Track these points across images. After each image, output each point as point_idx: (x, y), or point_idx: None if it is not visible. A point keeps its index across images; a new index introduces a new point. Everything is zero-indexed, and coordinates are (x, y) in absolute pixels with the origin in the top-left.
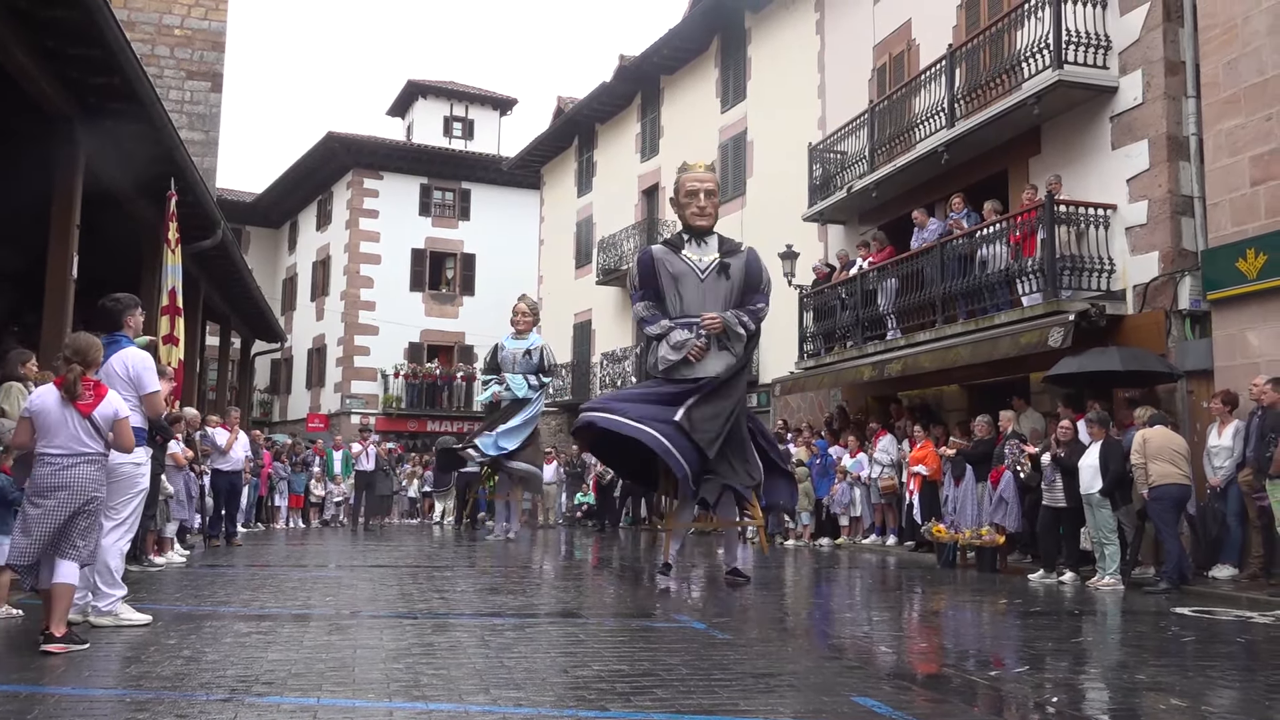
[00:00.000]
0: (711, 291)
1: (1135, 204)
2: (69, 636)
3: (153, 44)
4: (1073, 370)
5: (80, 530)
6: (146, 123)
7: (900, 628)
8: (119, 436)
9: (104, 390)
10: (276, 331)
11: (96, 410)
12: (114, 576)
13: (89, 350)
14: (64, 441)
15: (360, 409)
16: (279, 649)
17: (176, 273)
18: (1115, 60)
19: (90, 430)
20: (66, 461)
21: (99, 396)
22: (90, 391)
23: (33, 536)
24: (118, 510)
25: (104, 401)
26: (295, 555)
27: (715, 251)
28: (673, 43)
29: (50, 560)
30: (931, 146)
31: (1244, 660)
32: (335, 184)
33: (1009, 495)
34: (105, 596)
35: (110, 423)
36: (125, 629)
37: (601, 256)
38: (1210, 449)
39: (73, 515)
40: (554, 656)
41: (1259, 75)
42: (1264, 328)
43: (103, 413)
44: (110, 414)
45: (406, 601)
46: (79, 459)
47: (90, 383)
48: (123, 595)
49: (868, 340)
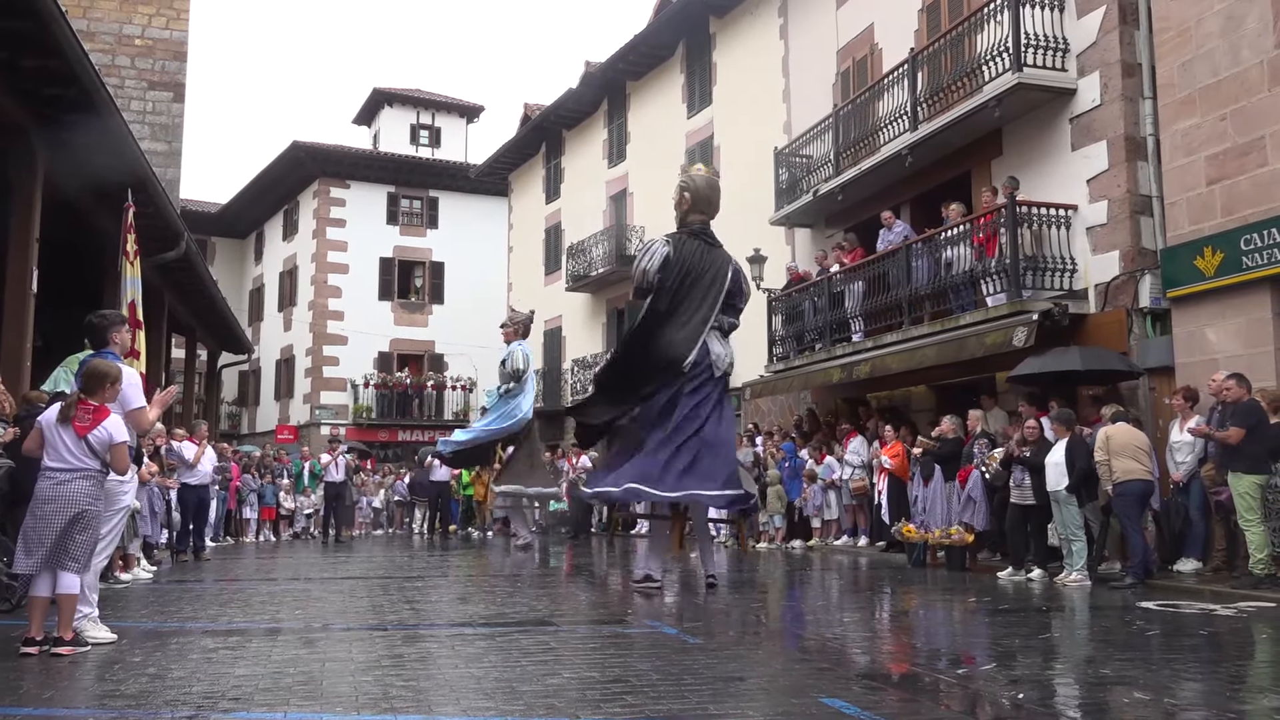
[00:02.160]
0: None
1: (1095, 204)
2: (76, 640)
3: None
4: (1035, 370)
5: (78, 542)
6: (106, 134)
7: (871, 628)
8: (115, 460)
9: (104, 414)
10: (243, 343)
11: (91, 433)
12: (84, 594)
13: (90, 378)
14: (63, 456)
15: (330, 420)
16: (246, 664)
17: (136, 285)
18: (1073, 63)
19: (86, 450)
20: (64, 476)
21: (97, 420)
22: (89, 415)
23: (31, 548)
24: None
25: (100, 426)
26: (264, 569)
27: None
28: (639, 49)
29: (50, 571)
30: (895, 149)
31: (1207, 653)
32: (301, 193)
33: (977, 494)
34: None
35: (106, 446)
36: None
37: (571, 263)
38: (1172, 444)
39: (68, 526)
40: (525, 665)
41: (1213, 76)
42: (1222, 324)
43: (98, 436)
44: (105, 438)
45: (377, 613)
46: (76, 474)
47: (90, 406)
48: (90, 613)
49: (836, 343)
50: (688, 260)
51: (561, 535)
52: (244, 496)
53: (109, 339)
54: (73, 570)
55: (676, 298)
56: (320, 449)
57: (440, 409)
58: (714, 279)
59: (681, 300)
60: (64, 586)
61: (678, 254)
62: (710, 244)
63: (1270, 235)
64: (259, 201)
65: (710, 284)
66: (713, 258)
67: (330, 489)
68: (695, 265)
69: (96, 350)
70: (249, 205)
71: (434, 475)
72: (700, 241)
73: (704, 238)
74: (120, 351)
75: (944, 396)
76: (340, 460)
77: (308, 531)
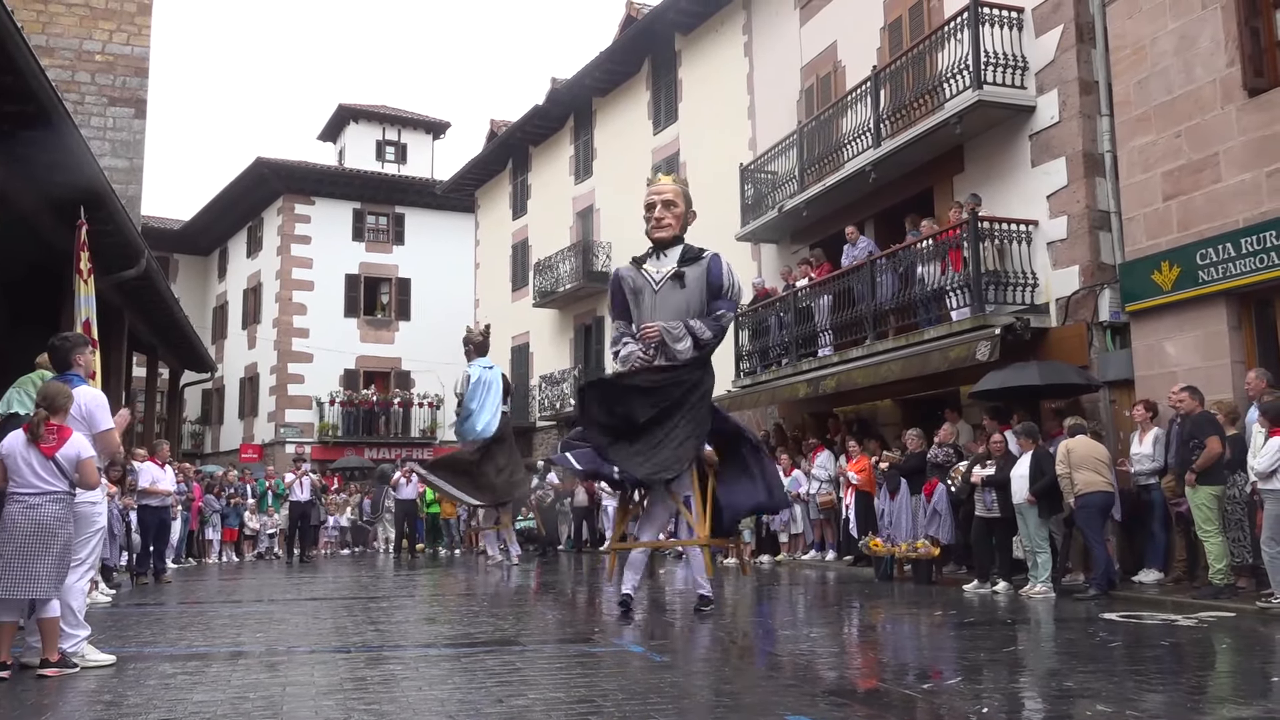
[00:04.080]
0: (665, 303)
1: (1055, 219)
2: (62, 662)
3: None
4: (995, 386)
5: (49, 566)
6: (65, 151)
7: (838, 643)
8: (84, 475)
9: (68, 433)
10: (206, 361)
11: (59, 452)
12: (78, 618)
13: (56, 397)
14: (29, 480)
15: (295, 438)
16: (205, 689)
17: (90, 304)
18: (1032, 80)
19: (54, 470)
20: (34, 500)
21: (62, 439)
22: (54, 435)
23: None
24: (76, 550)
25: (67, 444)
26: (227, 590)
27: (674, 262)
28: (604, 65)
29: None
30: (859, 166)
31: (1169, 663)
32: (266, 210)
33: (942, 508)
34: (69, 638)
35: (74, 463)
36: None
37: (538, 279)
38: (1133, 456)
39: (39, 551)
40: (490, 686)
41: (1167, 94)
42: (1180, 337)
43: (65, 454)
44: (74, 455)
45: (341, 635)
46: (46, 497)
47: (54, 427)
48: (87, 636)
49: (802, 357)
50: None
51: (530, 552)
52: (206, 517)
53: (72, 361)
54: (47, 594)
55: None
56: (285, 468)
57: (407, 426)
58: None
59: None
60: (44, 611)
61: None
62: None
63: (1224, 250)
64: (222, 218)
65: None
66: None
67: (295, 508)
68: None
69: (60, 373)
70: (212, 222)
71: (400, 494)
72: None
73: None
74: (85, 373)
75: (909, 410)
76: (305, 480)
77: (271, 552)
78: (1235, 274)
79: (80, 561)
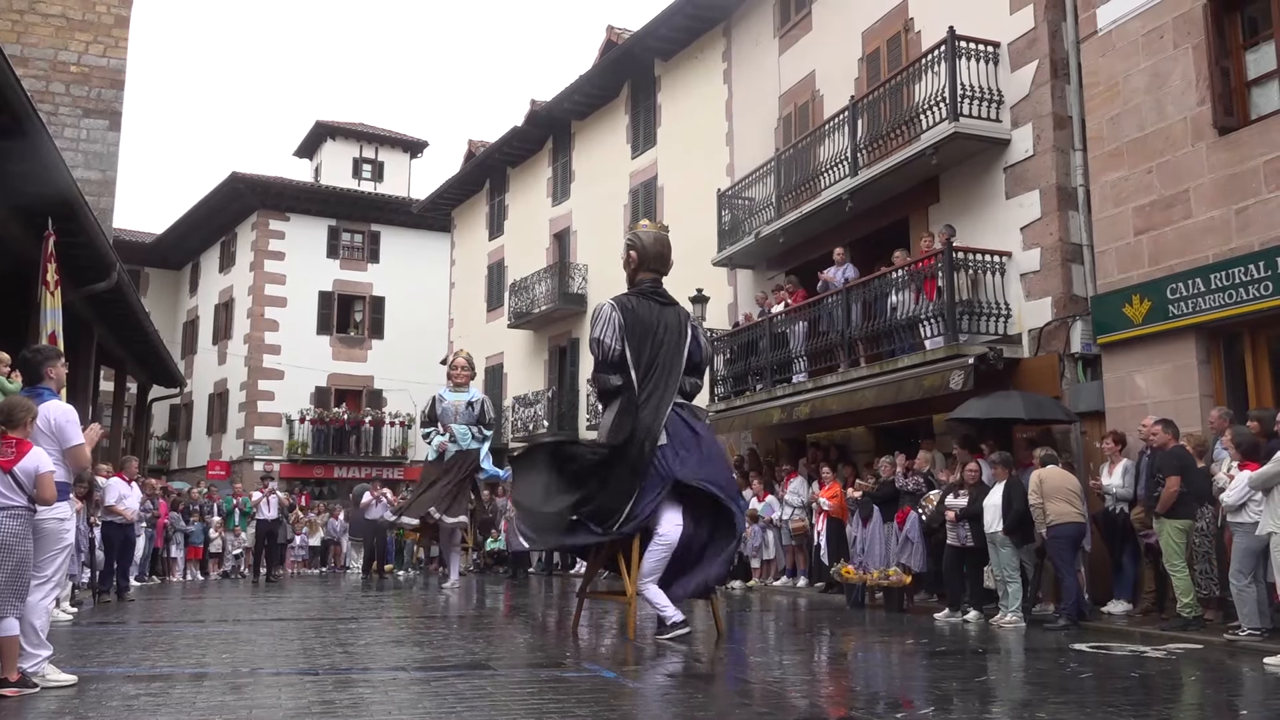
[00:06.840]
0: None
1: (1029, 251)
2: (22, 681)
3: (48, 80)
4: (978, 414)
5: (5, 584)
6: (37, 162)
7: (810, 670)
8: (41, 489)
9: (26, 447)
10: (175, 376)
11: (17, 466)
12: (39, 636)
13: (14, 411)
14: None
15: (265, 455)
16: (168, 712)
17: (56, 316)
18: (1007, 114)
19: (12, 485)
20: None
21: (20, 453)
22: (11, 449)
23: None
24: (41, 567)
25: (25, 457)
26: (192, 610)
27: None
28: (584, 89)
29: None
30: (835, 194)
31: (1138, 695)
32: (239, 225)
33: (914, 536)
34: (30, 657)
35: (32, 478)
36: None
37: (513, 300)
38: (1104, 487)
39: None
40: (460, 711)
41: (1139, 130)
42: (1150, 370)
43: (23, 468)
44: (31, 469)
45: (308, 657)
46: (3, 512)
47: (12, 440)
48: (49, 655)
49: (777, 383)
50: (645, 324)
51: (500, 575)
52: (171, 535)
53: (44, 374)
54: (7, 613)
55: (648, 372)
56: (253, 485)
57: (378, 445)
58: (676, 344)
59: (652, 373)
60: (2, 630)
61: (632, 318)
62: (663, 303)
63: (1194, 285)
64: (195, 233)
65: (674, 350)
66: (667, 318)
67: (262, 526)
68: (654, 330)
69: (31, 386)
70: (185, 236)
71: (369, 514)
72: (653, 301)
73: (655, 297)
74: (56, 387)
75: (882, 437)
76: (272, 498)
77: (237, 570)
78: (1205, 309)
79: (45, 579)
